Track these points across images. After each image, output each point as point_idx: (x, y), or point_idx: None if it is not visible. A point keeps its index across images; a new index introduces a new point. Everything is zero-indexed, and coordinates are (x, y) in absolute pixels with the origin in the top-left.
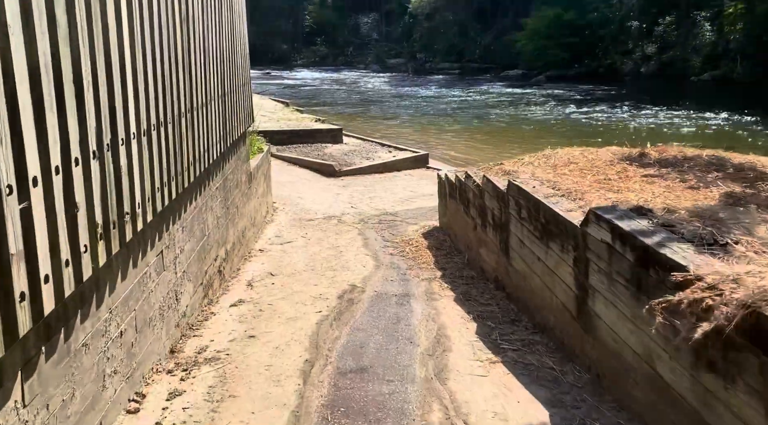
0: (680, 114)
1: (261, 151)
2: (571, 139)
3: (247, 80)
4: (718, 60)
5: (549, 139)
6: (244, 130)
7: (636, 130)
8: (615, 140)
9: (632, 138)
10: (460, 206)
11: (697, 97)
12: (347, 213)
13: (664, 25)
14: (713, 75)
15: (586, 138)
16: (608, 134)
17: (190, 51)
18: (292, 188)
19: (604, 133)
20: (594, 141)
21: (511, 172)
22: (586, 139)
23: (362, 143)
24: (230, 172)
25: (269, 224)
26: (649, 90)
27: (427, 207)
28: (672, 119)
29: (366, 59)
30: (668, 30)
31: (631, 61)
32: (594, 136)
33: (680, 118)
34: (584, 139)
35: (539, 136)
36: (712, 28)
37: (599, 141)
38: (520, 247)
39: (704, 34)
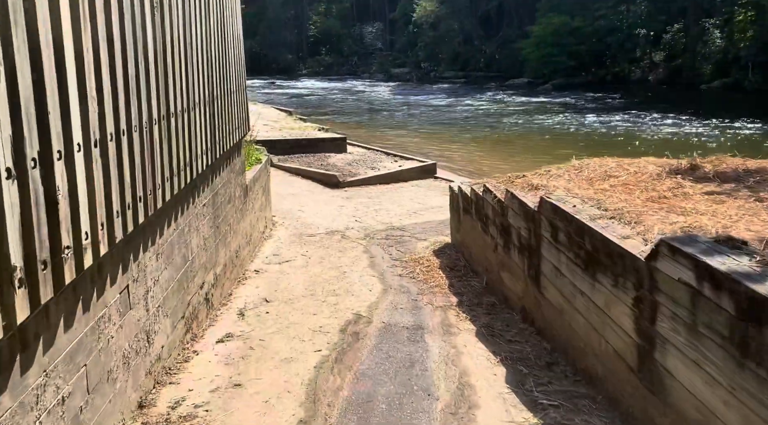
0: (698, 122)
1: (259, 162)
2: (588, 149)
3: (242, 84)
4: (729, 67)
5: (564, 148)
6: (239, 139)
7: (657, 140)
8: (637, 150)
9: (654, 147)
10: (477, 223)
11: (710, 104)
12: (351, 228)
13: (673, 33)
14: (724, 82)
15: (603, 148)
16: (627, 144)
17: (165, 46)
18: (294, 201)
19: (622, 143)
20: (614, 151)
21: (540, 186)
22: (603, 149)
23: (367, 152)
24: (221, 186)
25: (267, 240)
26: (660, 98)
27: (437, 220)
28: (690, 128)
29: (370, 68)
30: (677, 37)
31: (638, 68)
32: (612, 146)
33: (698, 126)
34: (601, 149)
35: (553, 146)
36: (721, 35)
37: (620, 151)
38: (555, 276)
39: (714, 42)
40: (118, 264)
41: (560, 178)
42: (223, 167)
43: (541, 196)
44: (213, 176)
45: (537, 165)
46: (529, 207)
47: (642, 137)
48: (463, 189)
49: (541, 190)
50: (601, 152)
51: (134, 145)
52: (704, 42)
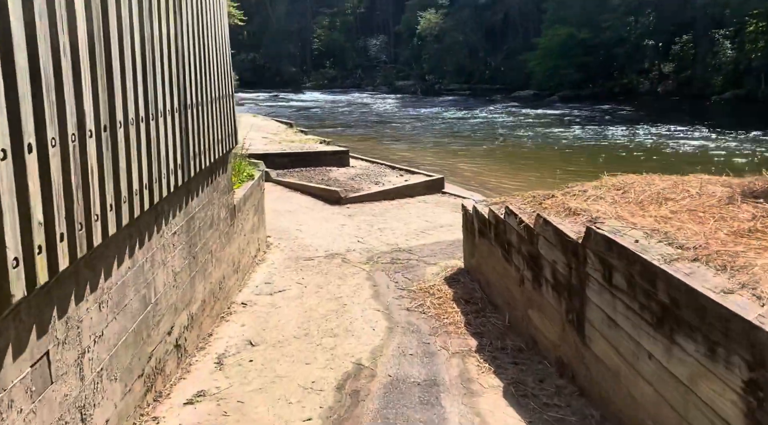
0: (719, 135)
1: (251, 178)
2: (608, 164)
3: (228, 91)
4: (741, 78)
5: (580, 163)
6: (224, 153)
7: (682, 154)
8: (663, 165)
9: (681, 162)
10: (497, 249)
11: (726, 116)
12: (353, 250)
13: (681, 44)
14: (736, 94)
15: (624, 163)
16: (649, 158)
17: (110, 40)
18: (291, 219)
19: (644, 157)
20: (638, 166)
21: (580, 210)
22: (625, 164)
23: (370, 166)
24: (200, 208)
25: (260, 265)
26: (672, 110)
27: (447, 241)
28: (714, 141)
29: (375, 81)
30: (685, 49)
31: (647, 80)
32: (634, 161)
33: (721, 138)
34: (622, 163)
35: (568, 160)
36: (732, 46)
37: (645, 166)
38: (607, 327)
39: (725, 53)
40: (29, 326)
41: (601, 200)
42: (202, 186)
43: (588, 225)
44: (188, 198)
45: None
46: (570, 238)
47: (664, 151)
48: (479, 209)
49: (581, 216)
50: (623, 167)
51: (48, 165)
52: (714, 53)
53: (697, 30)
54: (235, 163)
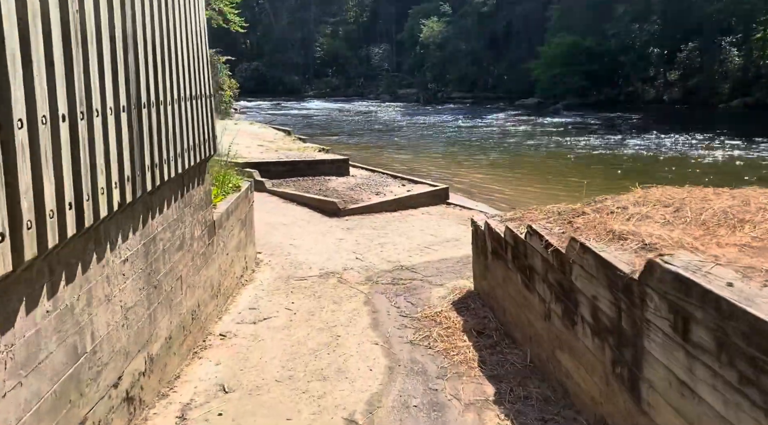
0: (738, 143)
1: (237, 190)
2: (629, 175)
3: (203, 90)
4: (749, 86)
5: (597, 174)
6: (198, 162)
7: (705, 164)
8: (689, 175)
9: (706, 173)
10: (515, 274)
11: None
12: (351, 268)
13: (687, 51)
14: (745, 102)
15: (644, 173)
16: (670, 168)
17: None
18: (285, 232)
19: (665, 167)
20: (659, 176)
21: (626, 234)
22: (645, 174)
23: (371, 175)
24: (165, 227)
25: (246, 286)
26: (681, 118)
27: (454, 257)
28: (729, 149)
29: (377, 89)
30: (691, 56)
31: (652, 88)
32: (655, 172)
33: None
34: (642, 174)
35: (582, 170)
36: (739, 53)
37: (670, 177)
38: (679, 395)
39: (732, 60)
40: None
41: (649, 219)
42: (168, 201)
43: (651, 258)
44: (146, 215)
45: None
46: (621, 271)
47: (680, 160)
48: (492, 226)
49: (630, 241)
50: (644, 178)
51: None
52: (721, 60)
53: (703, 37)
54: (218, 173)
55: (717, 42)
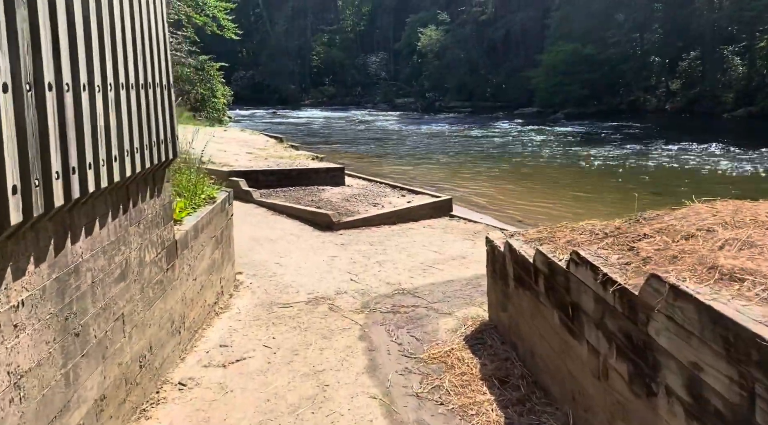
0: (746, 153)
1: (211, 201)
2: (647, 187)
3: (155, 79)
4: (754, 95)
5: (612, 188)
6: (151, 167)
7: (722, 176)
8: (704, 187)
9: (725, 184)
10: (550, 311)
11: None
12: (344, 292)
13: (689, 60)
14: (750, 111)
15: (658, 185)
16: (687, 180)
17: None
18: (272, 249)
19: (680, 178)
20: (673, 188)
21: (742, 272)
22: (658, 186)
23: (368, 185)
24: (93, 255)
25: (220, 316)
26: (686, 127)
27: (461, 279)
28: (745, 161)
29: (374, 98)
30: (693, 65)
31: (654, 97)
32: (667, 182)
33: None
34: (655, 186)
35: (595, 184)
36: (742, 62)
37: (686, 189)
38: None
39: (735, 69)
40: None
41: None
42: (102, 219)
43: None
44: (61, 239)
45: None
46: (764, 341)
47: (697, 170)
48: (516, 248)
49: (752, 284)
50: (662, 189)
51: None
52: (724, 69)
53: (705, 46)
54: (188, 183)
55: (719, 51)
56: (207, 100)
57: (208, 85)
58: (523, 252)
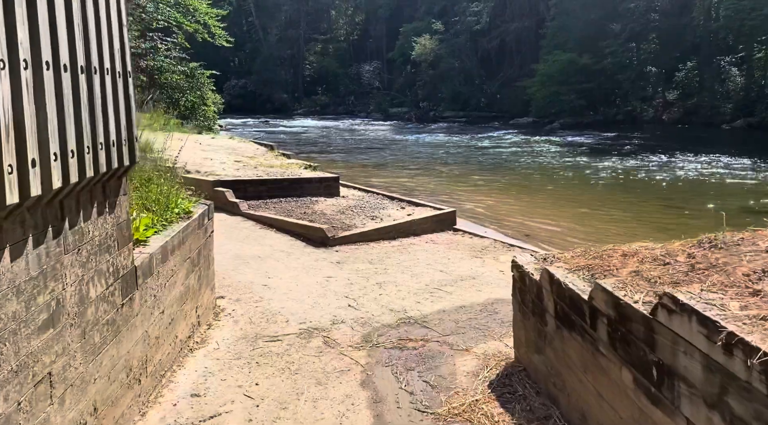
0: (755, 164)
1: (186, 217)
2: (651, 201)
3: (104, 63)
4: (753, 106)
5: (622, 202)
6: (100, 176)
7: (737, 187)
8: (727, 201)
9: (736, 198)
10: (618, 367)
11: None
12: (341, 321)
13: (686, 71)
14: (749, 122)
15: (671, 199)
16: (701, 194)
17: None
18: (259, 268)
19: (694, 193)
20: (693, 203)
21: None
22: (671, 200)
23: (365, 196)
24: (5, 294)
25: (196, 352)
26: (686, 138)
27: (474, 304)
28: (756, 171)
29: (368, 108)
30: (690, 75)
31: (651, 107)
32: (681, 197)
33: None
34: (667, 200)
35: (603, 197)
36: (740, 73)
37: (706, 204)
38: None
39: (734, 79)
40: None
41: None
42: (16, 249)
43: None
44: None
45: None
46: None
47: (708, 184)
48: (559, 278)
49: None
50: (677, 204)
51: None
52: (722, 80)
53: (702, 56)
54: (158, 194)
55: (716, 61)
56: (197, 108)
57: (198, 92)
58: (571, 286)
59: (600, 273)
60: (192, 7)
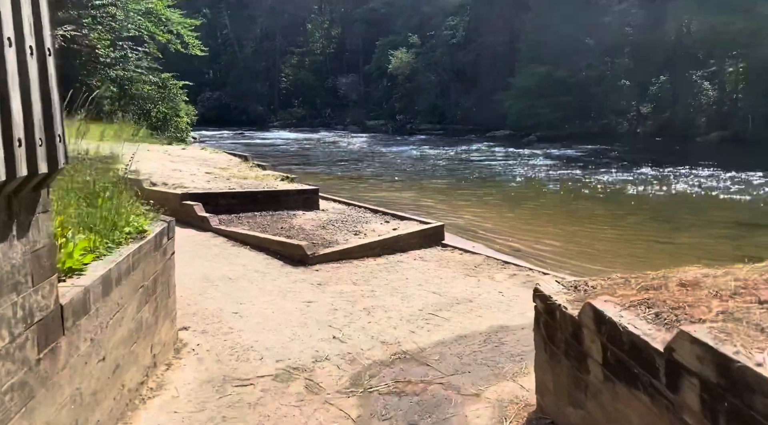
0: (734, 177)
1: (140, 237)
2: (635, 215)
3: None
4: (726, 119)
5: (607, 214)
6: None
7: (715, 199)
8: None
9: (722, 210)
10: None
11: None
12: (325, 358)
13: (660, 84)
14: (722, 135)
15: (655, 212)
16: (696, 209)
17: None
18: (230, 292)
19: (677, 207)
20: (678, 219)
21: None
22: (655, 212)
23: (346, 209)
24: None
25: (149, 403)
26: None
27: (476, 333)
28: (737, 183)
29: (345, 120)
30: (663, 89)
31: (626, 121)
32: (665, 211)
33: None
34: (652, 214)
35: (584, 208)
36: (712, 87)
37: (689, 219)
38: None
39: (707, 93)
40: None
41: None
42: None
43: None
44: None
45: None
46: None
47: (693, 198)
48: (612, 318)
49: None
50: (672, 218)
51: None
52: (695, 94)
53: (675, 71)
54: (105, 211)
55: (689, 76)
56: (169, 119)
57: (170, 103)
58: (632, 329)
59: (668, 311)
60: (164, 17)
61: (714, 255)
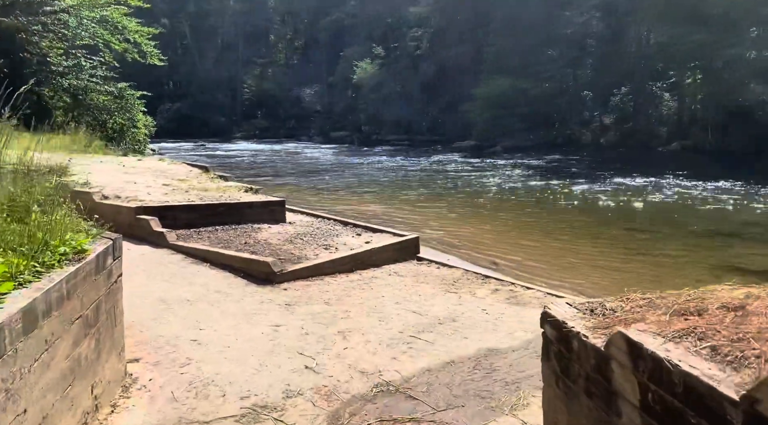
0: (709, 186)
1: (78, 258)
2: (613, 224)
3: None
4: (687, 129)
5: (583, 224)
6: None
7: (705, 211)
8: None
9: (697, 218)
10: None
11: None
12: (298, 394)
13: (621, 96)
14: (683, 145)
15: (630, 220)
16: (662, 217)
17: None
18: (188, 316)
19: (650, 215)
20: (655, 228)
21: None
22: (631, 221)
23: (315, 222)
24: None
25: None
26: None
27: (464, 357)
28: (710, 192)
29: (309, 132)
30: (625, 100)
31: (589, 131)
32: (637, 219)
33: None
34: (627, 222)
35: (557, 218)
36: (671, 98)
37: (660, 225)
38: None
39: (667, 104)
40: None
41: None
42: None
43: None
44: None
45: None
46: None
47: (662, 205)
48: (655, 352)
49: None
50: (648, 228)
51: None
52: (655, 105)
53: (635, 82)
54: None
55: (649, 87)
56: (126, 130)
57: (127, 114)
58: (685, 368)
59: (728, 345)
60: (120, 25)
61: (695, 266)
